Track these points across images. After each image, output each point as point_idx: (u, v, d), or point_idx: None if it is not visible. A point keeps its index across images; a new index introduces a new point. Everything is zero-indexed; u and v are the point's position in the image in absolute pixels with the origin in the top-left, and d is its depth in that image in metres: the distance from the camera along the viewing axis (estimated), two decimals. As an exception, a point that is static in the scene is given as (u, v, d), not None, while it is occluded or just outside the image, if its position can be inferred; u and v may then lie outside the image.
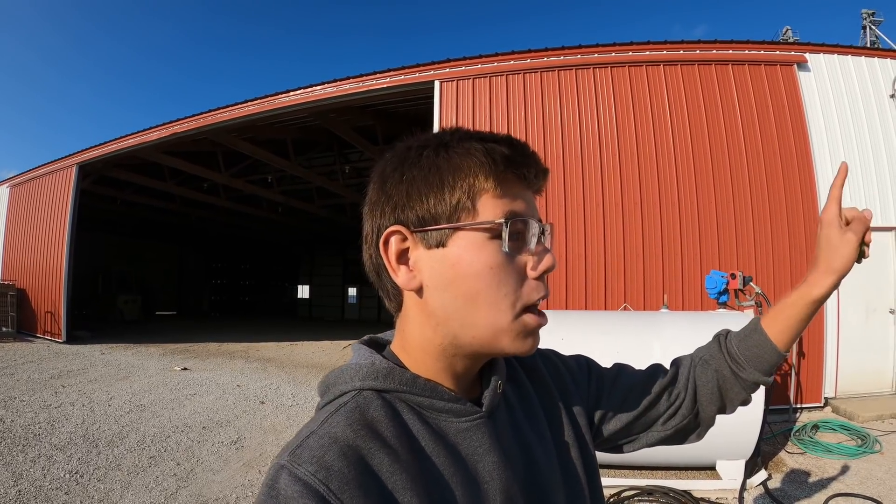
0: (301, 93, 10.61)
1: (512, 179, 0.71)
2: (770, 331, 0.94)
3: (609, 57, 8.57)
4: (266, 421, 7.16)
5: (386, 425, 0.67)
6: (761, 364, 0.94)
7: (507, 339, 0.70)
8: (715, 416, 1.01)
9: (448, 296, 0.70)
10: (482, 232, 0.69)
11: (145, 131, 13.39)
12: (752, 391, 0.97)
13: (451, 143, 0.72)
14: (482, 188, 0.69)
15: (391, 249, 0.72)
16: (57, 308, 15.19)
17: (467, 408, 0.74)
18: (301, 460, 0.59)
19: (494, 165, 0.69)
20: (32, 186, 16.88)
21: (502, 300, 0.69)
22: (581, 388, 0.97)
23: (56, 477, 4.89)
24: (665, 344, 4.85)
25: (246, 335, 18.97)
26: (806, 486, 4.95)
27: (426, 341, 0.74)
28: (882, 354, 7.79)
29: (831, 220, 0.90)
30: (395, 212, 0.71)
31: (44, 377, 9.60)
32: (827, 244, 0.89)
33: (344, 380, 0.73)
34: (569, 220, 8.03)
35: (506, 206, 0.69)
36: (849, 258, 0.87)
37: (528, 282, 0.71)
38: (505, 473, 0.72)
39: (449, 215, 0.69)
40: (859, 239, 0.87)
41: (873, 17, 26.36)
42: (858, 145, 8.07)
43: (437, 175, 0.70)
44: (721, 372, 0.98)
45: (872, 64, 8.43)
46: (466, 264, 0.68)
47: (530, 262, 0.72)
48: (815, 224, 7.63)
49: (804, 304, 0.91)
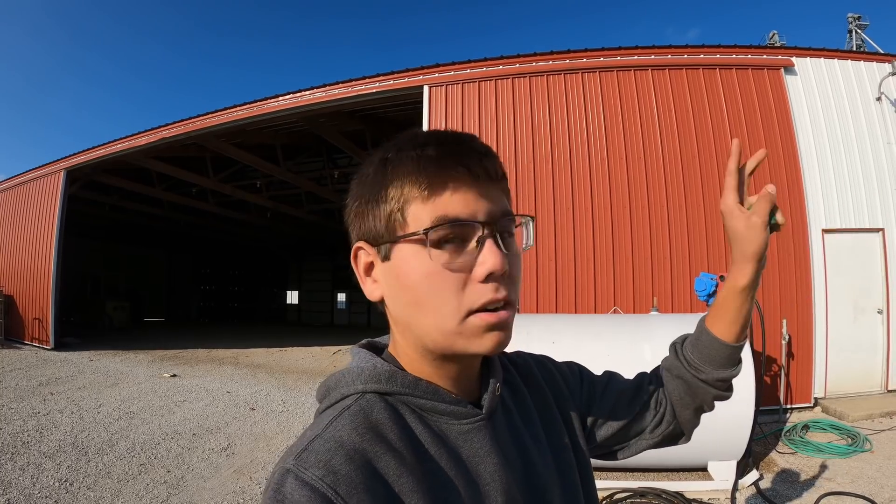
0: (290, 97, 10.58)
1: (447, 180, 0.68)
2: (716, 328, 0.94)
3: (598, 62, 8.62)
4: (256, 427, 7.12)
5: (390, 428, 0.67)
6: (718, 361, 0.94)
7: (462, 341, 0.69)
8: (696, 417, 1.01)
9: (400, 305, 0.72)
10: (412, 243, 0.68)
11: (134, 136, 13.31)
12: (723, 386, 0.97)
13: (391, 156, 0.71)
14: (410, 197, 0.68)
15: (360, 263, 0.76)
16: (45, 314, 15.03)
17: (468, 410, 0.74)
18: (307, 464, 0.59)
19: (421, 171, 0.68)
20: (20, 192, 16.74)
21: (443, 306, 0.68)
22: (574, 394, 0.98)
23: (45, 485, 4.84)
24: (655, 346, 4.86)
25: (235, 341, 18.86)
26: (797, 485, 4.98)
27: (406, 346, 0.75)
28: (871, 354, 7.84)
29: (731, 209, 0.89)
30: (357, 228, 0.75)
31: (32, 384, 9.50)
32: (734, 235, 0.89)
33: (346, 383, 0.73)
34: (557, 223, 8.05)
35: (436, 212, 0.67)
36: (759, 242, 0.86)
37: (471, 286, 0.68)
38: (505, 475, 0.72)
39: (386, 228, 0.70)
40: (764, 220, 0.86)
41: (859, 21, 26.62)
42: (845, 147, 8.14)
43: (376, 191, 0.71)
44: (684, 378, 0.99)
45: (858, 67, 8.52)
46: (405, 275, 0.69)
47: (474, 264, 0.68)
48: (803, 226, 7.70)
49: (735, 295, 0.91)
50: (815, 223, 7.87)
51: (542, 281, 7.93)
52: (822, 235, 7.84)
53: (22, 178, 16.78)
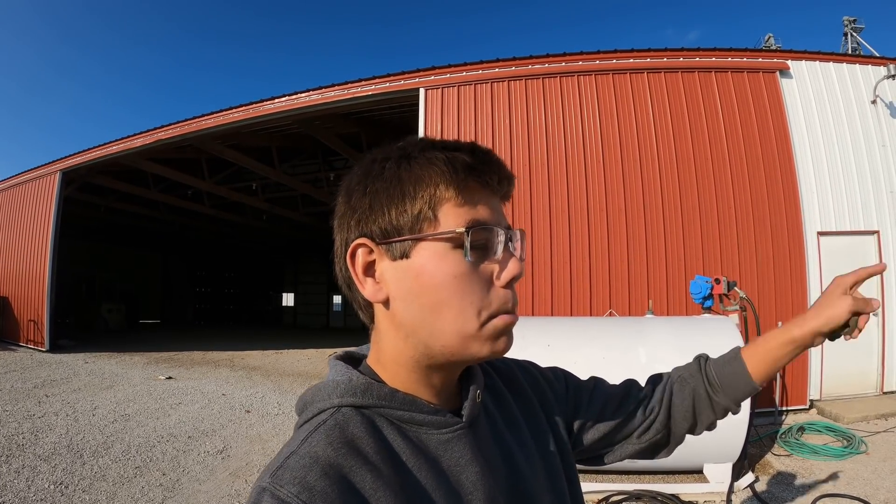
0: (286, 100, 10.57)
1: (475, 187, 0.70)
2: (749, 362, 0.97)
3: (594, 65, 8.64)
4: (252, 430, 7.11)
5: (367, 442, 0.66)
6: (735, 392, 0.98)
7: (477, 344, 0.70)
8: (685, 435, 1.04)
9: (414, 306, 0.70)
10: (444, 242, 0.68)
11: (129, 138, 13.29)
12: (721, 416, 1.01)
13: (413, 154, 0.71)
14: (443, 197, 0.69)
15: (358, 262, 0.72)
16: (40, 316, 15.00)
17: (447, 419, 0.74)
18: (283, 482, 0.59)
19: (455, 174, 0.68)
20: (15, 193, 16.72)
21: (468, 308, 0.68)
22: (560, 398, 0.98)
23: (41, 488, 4.83)
24: (651, 349, 4.85)
25: (230, 343, 18.81)
26: (793, 487, 4.98)
27: (399, 353, 0.74)
28: (866, 356, 7.87)
29: (842, 282, 0.93)
30: (360, 225, 0.72)
31: (27, 386, 9.47)
32: (826, 297, 0.93)
33: (321, 397, 0.72)
34: (553, 226, 8.07)
35: (468, 215, 0.69)
36: (837, 315, 0.90)
37: (494, 289, 0.70)
38: (488, 483, 0.72)
39: (411, 226, 0.69)
40: (853, 307, 0.90)
41: (854, 24, 26.69)
42: (840, 150, 8.18)
43: (399, 186, 0.69)
44: (697, 391, 1.01)
45: (854, 70, 8.56)
46: (430, 275, 0.68)
47: (496, 269, 0.71)
48: (798, 229, 7.72)
49: (783, 340, 0.94)
50: (811, 226, 7.90)
51: (537, 284, 7.94)
52: (818, 238, 7.87)
53: (17, 179, 16.75)
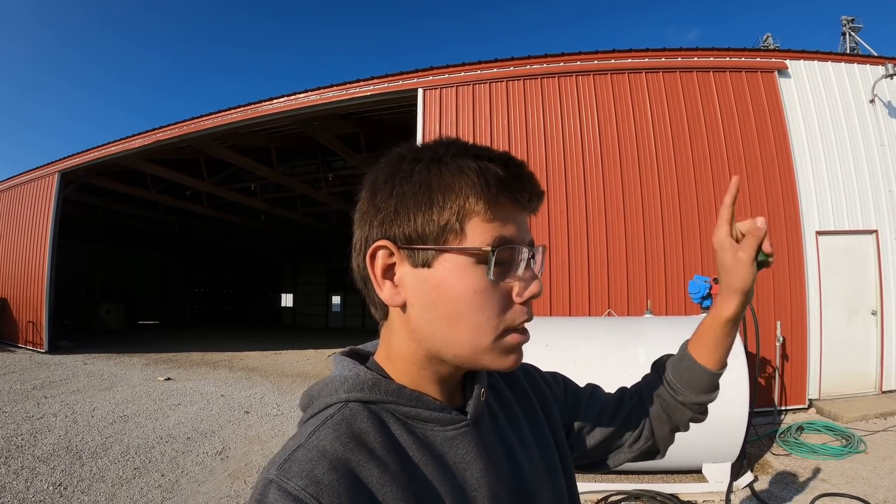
0: (285, 100, 10.57)
1: (505, 202, 0.69)
2: (698, 354, 0.96)
3: (592, 65, 8.64)
4: (251, 431, 7.10)
5: (374, 437, 0.66)
6: (698, 385, 0.96)
7: (488, 357, 0.70)
8: (671, 435, 1.04)
9: (431, 315, 0.69)
10: (469, 256, 0.67)
11: (128, 139, 13.29)
12: (699, 410, 0.99)
13: (445, 159, 0.69)
14: (472, 210, 0.67)
15: (377, 263, 0.70)
16: (39, 317, 15.00)
17: (453, 416, 0.73)
18: (290, 474, 0.58)
19: (487, 188, 0.66)
20: (13, 194, 16.72)
21: (484, 323, 0.68)
22: (559, 402, 0.99)
23: (40, 489, 4.82)
24: (649, 349, 4.85)
25: (230, 344, 18.81)
26: (792, 487, 4.98)
27: (411, 352, 0.73)
28: (865, 355, 7.88)
29: (721, 243, 0.89)
30: (383, 226, 0.70)
31: (26, 388, 9.46)
32: (723, 268, 0.89)
33: (328, 392, 0.72)
34: (552, 226, 8.07)
35: (495, 231, 0.67)
36: (746, 278, 0.86)
37: (513, 307, 0.70)
38: (492, 479, 0.72)
39: (436, 236, 0.67)
40: (751, 256, 0.85)
41: (853, 23, 26.69)
42: (839, 149, 8.18)
43: (428, 193, 0.67)
44: (662, 397, 1.01)
45: (852, 70, 8.56)
46: (450, 286, 0.67)
47: (516, 287, 0.70)
48: (797, 228, 7.71)
49: (719, 325, 0.92)
50: (809, 225, 7.90)
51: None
52: (816, 237, 7.87)
53: (16, 180, 16.74)
